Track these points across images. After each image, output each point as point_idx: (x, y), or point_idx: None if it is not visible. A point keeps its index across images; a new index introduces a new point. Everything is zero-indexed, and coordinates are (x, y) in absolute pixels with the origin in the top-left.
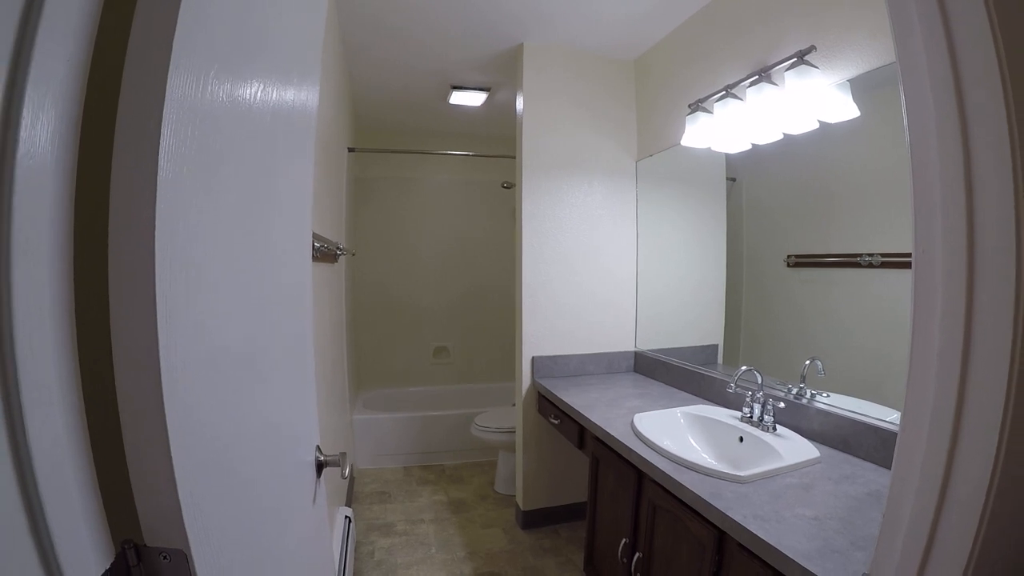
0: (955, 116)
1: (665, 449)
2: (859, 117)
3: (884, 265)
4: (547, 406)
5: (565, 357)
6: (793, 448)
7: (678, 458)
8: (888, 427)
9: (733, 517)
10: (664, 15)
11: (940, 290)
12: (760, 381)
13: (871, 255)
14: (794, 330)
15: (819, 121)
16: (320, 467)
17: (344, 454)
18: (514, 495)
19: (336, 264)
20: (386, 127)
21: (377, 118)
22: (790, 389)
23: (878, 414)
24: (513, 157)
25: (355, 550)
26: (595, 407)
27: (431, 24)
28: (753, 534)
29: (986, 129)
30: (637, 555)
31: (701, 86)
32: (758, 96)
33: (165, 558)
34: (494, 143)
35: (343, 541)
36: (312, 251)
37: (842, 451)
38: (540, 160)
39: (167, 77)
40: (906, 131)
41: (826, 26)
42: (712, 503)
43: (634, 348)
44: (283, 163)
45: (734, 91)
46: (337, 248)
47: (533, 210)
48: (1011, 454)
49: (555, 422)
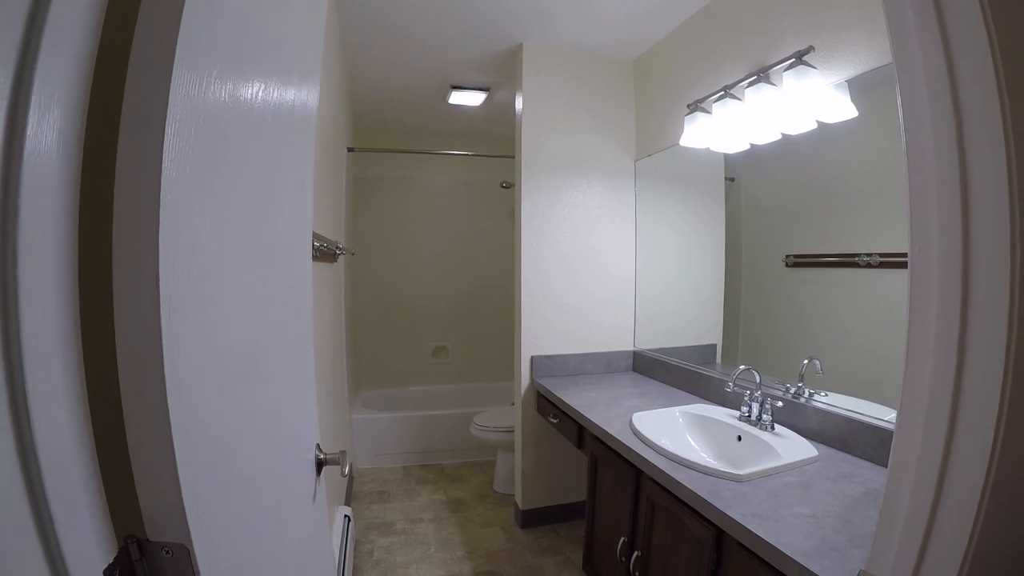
0: (950, 116)
1: (664, 448)
2: (857, 117)
3: (882, 265)
4: (546, 405)
5: (564, 356)
6: (791, 447)
7: (677, 457)
8: (886, 426)
9: (732, 515)
10: (663, 15)
11: (936, 288)
12: (758, 380)
13: (869, 255)
14: (793, 330)
15: (817, 121)
16: (320, 465)
17: (344, 452)
18: (513, 494)
19: (336, 264)
20: (385, 127)
21: (376, 118)
22: (788, 388)
23: (876, 413)
24: (512, 157)
25: (354, 549)
26: (594, 406)
27: (431, 24)
28: (751, 532)
29: (981, 128)
30: (636, 554)
31: (700, 86)
32: (756, 96)
33: (168, 553)
34: (493, 143)
35: (342, 540)
36: (312, 250)
37: (840, 450)
38: (539, 160)
39: (171, 76)
40: (902, 130)
41: (824, 27)
42: (711, 501)
43: (633, 347)
44: (284, 162)
45: (733, 91)
46: (337, 247)
47: (532, 210)
48: (1007, 451)
49: (554, 421)
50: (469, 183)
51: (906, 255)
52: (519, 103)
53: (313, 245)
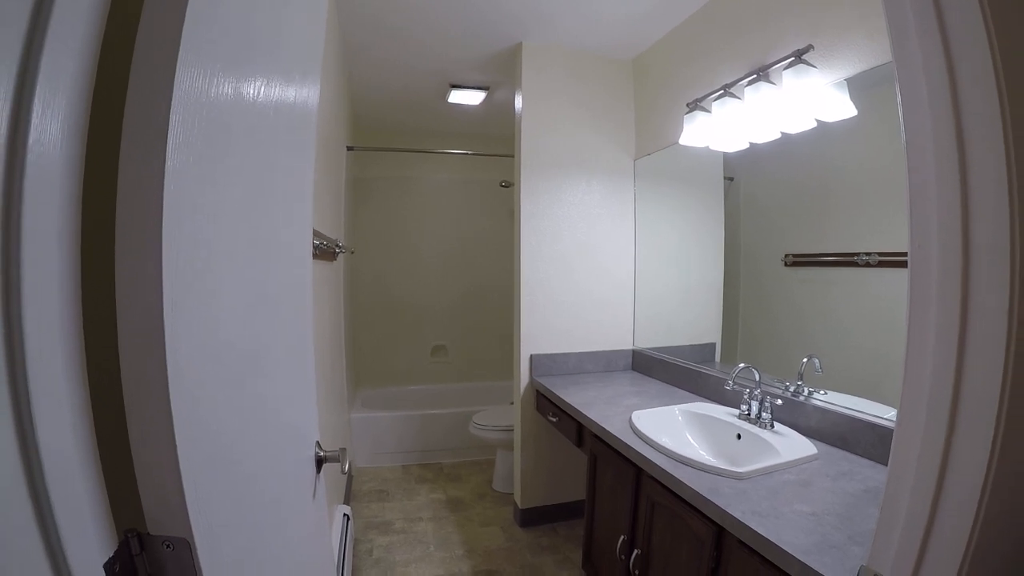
0: (950, 114)
1: (663, 446)
2: (856, 116)
3: (881, 264)
4: (545, 404)
5: (563, 355)
6: (791, 445)
7: (676, 455)
8: (886, 424)
9: (732, 513)
10: (663, 15)
11: (936, 286)
12: (758, 378)
13: (868, 254)
14: (792, 329)
15: (817, 120)
16: (320, 463)
17: (344, 450)
18: (512, 493)
19: (335, 262)
20: (385, 126)
21: (376, 117)
22: (788, 387)
23: (876, 412)
24: (512, 156)
25: (353, 548)
26: (593, 405)
27: (430, 23)
28: (752, 530)
29: (981, 126)
30: (635, 552)
31: (699, 85)
32: (756, 95)
33: (168, 547)
34: (493, 142)
35: (342, 539)
36: (312, 248)
37: (840, 448)
38: (539, 159)
39: (175, 70)
40: (902, 128)
41: (824, 26)
42: (711, 499)
43: (632, 346)
44: (285, 159)
45: (732, 90)
46: (336, 246)
47: (532, 209)
48: (1007, 449)
49: (553, 420)
50: (468, 182)
51: (905, 254)
52: (519, 102)
53: (313, 243)
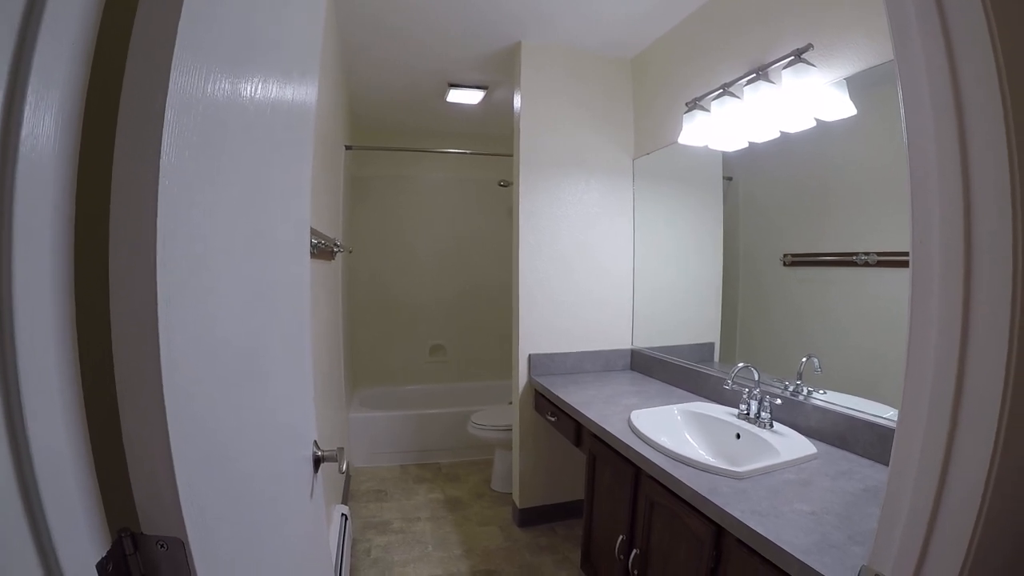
0: (952, 111)
1: (662, 445)
2: (856, 117)
3: (880, 264)
4: (544, 403)
5: (562, 355)
6: (790, 445)
7: (675, 454)
8: (885, 423)
9: (731, 512)
10: (662, 14)
11: (937, 281)
12: (757, 378)
13: (867, 254)
14: (790, 329)
15: (816, 119)
16: (317, 462)
17: (341, 449)
18: (511, 493)
19: (333, 261)
20: (383, 125)
21: (375, 116)
22: (787, 386)
23: (875, 411)
24: (510, 155)
25: (351, 548)
26: (592, 404)
27: (429, 23)
28: (751, 529)
29: (983, 123)
30: (634, 552)
31: (698, 84)
32: (755, 94)
33: (162, 547)
34: (491, 141)
35: (339, 539)
36: (310, 247)
37: (839, 448)
38: (537, 158)
39: (170, 64)
40: (903, 126)
41: (824, 25)
42: (710, 498)
43: (631, 346)
44: (282, 157)
45: (731, 89)
46: (334, 245)
47: (530, 208)
48: (1010, 444)
49: (552, 419)
50: (467, 181)
51: (905, 254)
52: (517, 101)
53: (311, 242)
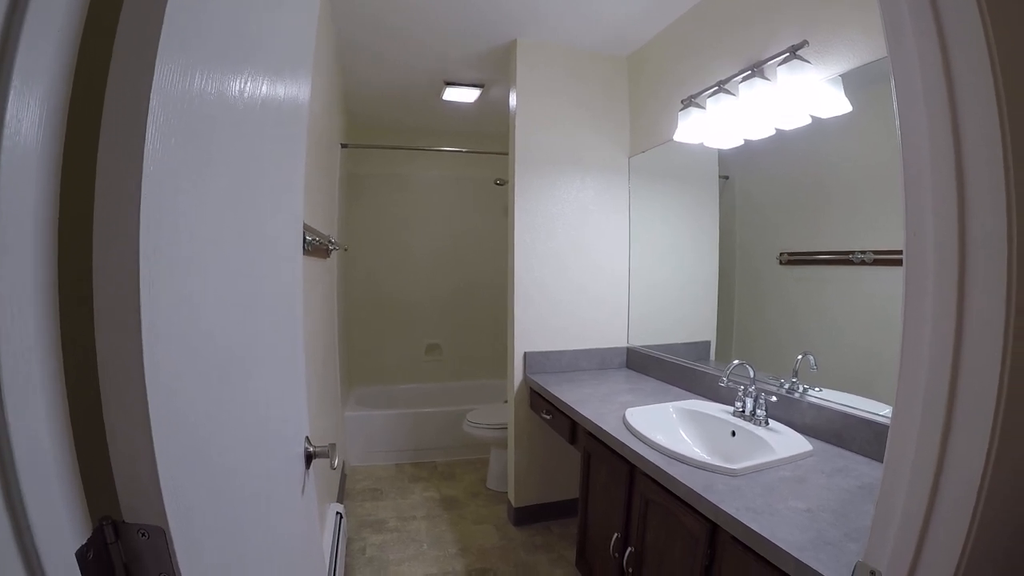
0: (945, 103)
1: (657, 443)
2: (852, 114)
3: (877, 263)
4: (539, 402)
5: (557, 353)
6: (785, 442)
7: (670, 452)
8: (881, 420)
9: (726, 510)
10: (658, 12)
11: (932, 275)
12: (752, 375)
13: (863, 252)
14: (786, 328)
15: (811, 116)
16: (309, 458)
17: (333, 445)
18: (506, 492)
19: (328, 260)
20: (379, 123)
21: (370, 114)
22: (782, 384)
23: (871, 408)
24: (506, 154)
25: (346, 546)
26: (587, 402)
27: (425, 20)
28: (746, 526)
29: (976, 117)
30: (629, 550)
31: (694, 82)
32: (750, 91)
33: (143, 535)
34: (487, 140)
35: (334, 537)
36: (304, 244)
37: (835, 445)
38: (533, 156)
39: (155, 58)
40: (897, 121)
41: (819, 22)
42: (705, 496)
43: (626, 344)
44: (274, 153)
45: (726, 86)
46: (329, 242)
47: (526, 206)
48: (1005, 442)
49: (547, 417)
50: (462, 180)
51: (901, 252)
52: (513, 99)
53: (305, 238)
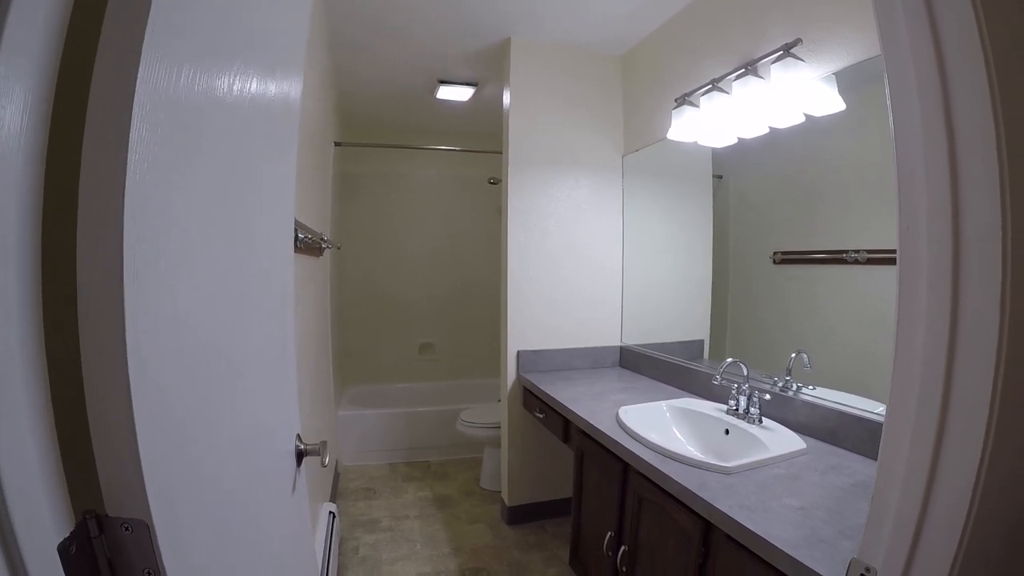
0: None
1: (651, 441)
2: (845, 113)
3: (870, 262)
4: (532, 400)
5: (551, 352)
6: (779, 440)
7: (664, 450)
8: (875, 418)
9: (719, 507)
10: (652, 11)
11: (925, 276)
12: (746, 373)
13: (857, 251)
14: (779, 327)
15: (805, 114)
16: (300, 456)
17: (324, 443)
18: (499, 491)
19: (321, 258)
20: (373, 122)
21: (365, 113)
22: (776, 382)
23: (865, 407)
24: (499, 153)
25: (339, 546)
26: (580, 400)
27: (420, 18)
28: (740, 524)
29: (970, 113)
30: (623, 548)
31: (687, 80)
32: (744, 89)
33: (127, 529)
34: (481, 139)
35: (327, 537)
36: (295, 241)
37: (829, 443)
38: (526, 155)
39: (141, 50)
40: (890, 114)
41: (812, 20)
42: (698, 494)
43: (620, 343)
44: (265, 149)
45: (720, 84)
46: (321, 239)
47: (519, 205)
48: (1000, 441)
49: (540, 416)
50: (456, 179)
51: (894, 251)
52: (507, 98)
53: (297, 236)
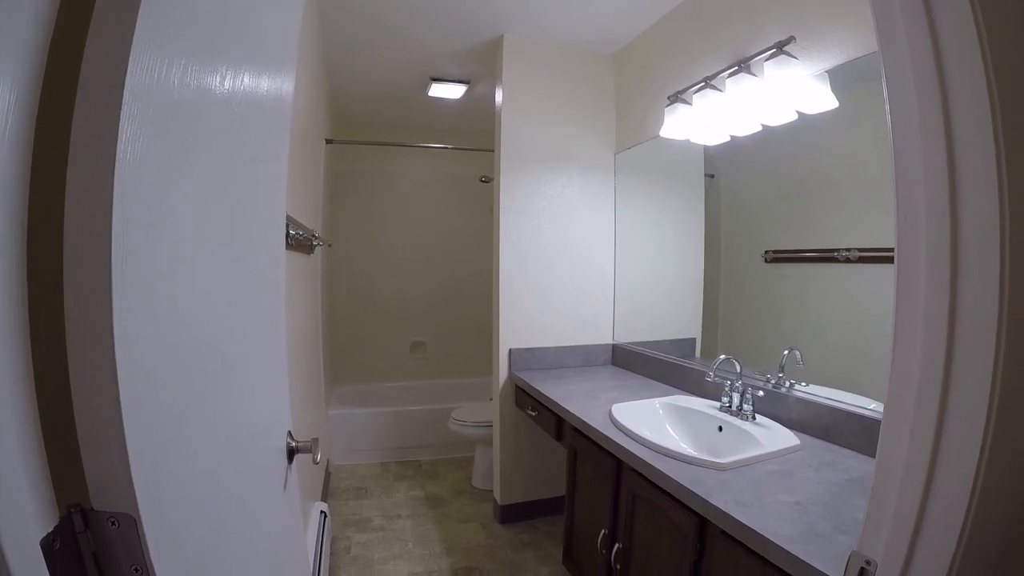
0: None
1: (644, 438)
2: (837, 112)
3: (862, 260)
4: (524, 398)
5: (543, 350)
6: (773, 436)
7: (657, 446)
8: (869, 414)
9: (715, 503)
10: (645, 9)
11: (923, 275)
12: (739, 370)
13: (848, 250)
14: (770, 325)
15: (797, 112)
16: (291, 453)
17: (316, 440)
18: (491, 490)
19: (312, 256)
20: (365, 120)
21: (356, 111)
22: (769, 379)
23: (858, 403)
24: (491, 151)
25: (331, 545)
26: (573, 398)
27: (412, 15)
28: (736, 520)
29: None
30: (617, 546)
31: (680, 78)
32: (737, 87)
33: (113, 523)
34: (472, 137)
35: (319, 536)
36: (287, 237)
37: (822, 439)
38: (518, 152)
39: (131, 42)
40: (887, 110)
41: (806, 17)
42: (693, 490)
43: (612, 341)
44: (257, 146)
45: (713, 82)
46: (313, 237)
47: (511, 203)
48: (999, 438)
49: (532, 414)
50: (448, 177)
51: (887, 250)
52: (499, 95)
53: (288, 232)
